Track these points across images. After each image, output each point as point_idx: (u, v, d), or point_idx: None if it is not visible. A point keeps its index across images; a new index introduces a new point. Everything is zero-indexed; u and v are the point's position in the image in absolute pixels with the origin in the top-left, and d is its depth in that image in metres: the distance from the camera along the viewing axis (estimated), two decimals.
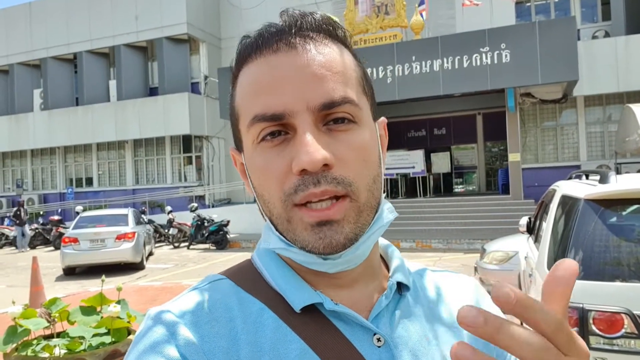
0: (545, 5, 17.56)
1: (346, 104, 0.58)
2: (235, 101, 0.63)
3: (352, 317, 0.60)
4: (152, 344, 0.55)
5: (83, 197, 22.54)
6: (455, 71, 13.59)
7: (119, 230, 11.51)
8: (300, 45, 0.59)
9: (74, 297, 7.69)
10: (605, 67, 14.64)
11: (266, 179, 0.58)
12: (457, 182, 20.85)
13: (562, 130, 16.58)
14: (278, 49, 0.58)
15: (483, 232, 12.49)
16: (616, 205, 2.82)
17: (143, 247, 11.95)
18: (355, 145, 0.58)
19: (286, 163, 0.56)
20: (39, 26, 23.48)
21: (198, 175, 21.39)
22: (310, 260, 0.59)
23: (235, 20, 21.97)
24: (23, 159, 24.74)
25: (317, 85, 0.57)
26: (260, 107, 0.57)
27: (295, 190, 0.56)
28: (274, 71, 0.58)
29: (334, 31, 0.62)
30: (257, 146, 0.59)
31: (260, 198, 0.61)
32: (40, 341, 3.19)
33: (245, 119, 0.60)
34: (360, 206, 0.58)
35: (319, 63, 0.58)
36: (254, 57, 0.60)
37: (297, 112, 0.56)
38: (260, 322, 0.59)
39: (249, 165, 0.62)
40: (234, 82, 0.64)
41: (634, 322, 2.43)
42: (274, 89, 0.57)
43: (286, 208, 0.57)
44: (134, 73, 22.20)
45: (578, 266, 0.39)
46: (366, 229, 0.59)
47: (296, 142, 0.56)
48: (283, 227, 0.59)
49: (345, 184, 0.56)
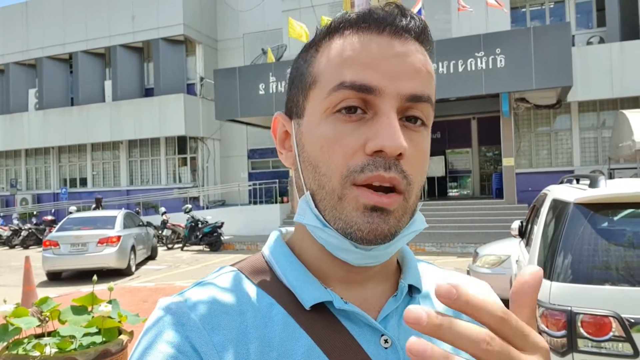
0: (540, 11, 17.67)
1: (428, 104, 0.59)
2: (315, 66, 0.61)
3: (360, 317, 0.60)
4: (161, 333, 0.55)
5: (77, 197, 22.47)
6: (450, 75, 13.64)
7: (103, 233, 10.68)
8: (405, 36, 0.59)
9: (65, 296, 7.66)
10: (600, 73, 14.73)
11: (331, 151, 0.57)
12: (451, 186, 20.91)
13: (556, 136, 16.66)
14: (384, 30, 0.58)
15: (476, 236, 12.52)
16: (606, 210, 2.84)
17: (131, 252, 11.13)
18: (421, 149, 0.59)
19: (359, 141, 0.56)
20: (35, 26, 23.43)
21: (193, 177, 21.36)
22: (342, 246, 0.58)
23: (232, 22, 21.99)
24: (17, 158, 24.64)
25: (413, 76, 0.57)
26: (351, 75, 0.56)
27: (362, 169, 0.55)
28: (374, 48, 0.57)
29: (429, 43, 0.62)
30: (330, 116, 0.58)
31: (312, 169, 0.60)
32: (31, 340, 3.18)
33: (327, 85, 0.58)
34: (408, 207, 0.58)
35: (418, 58, 0.59)
36: (356, 30, 0.59)
37: (386, 93, 0.56)
38: (269, 317, 0.59)
39: (310, 133, 0.60)
40: (317, 48, 0.62)
41: (622, 325, 2.45)
42: (370, 64, 0.57)
43: (344, 184, 0.56)
44: (129, 73, 22.17)
45: (543, 272, 0.40)
46: (403, 230, 0.59)
47: (376, 123, 0.56)
48: (330, 204, 0.58)
49: (408, 180, 0.56)
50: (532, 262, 3.20)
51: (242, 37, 21.94)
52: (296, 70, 0.65)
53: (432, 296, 0.68)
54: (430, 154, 0.64)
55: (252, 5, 21.10)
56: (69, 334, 3.12)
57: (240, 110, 15.73)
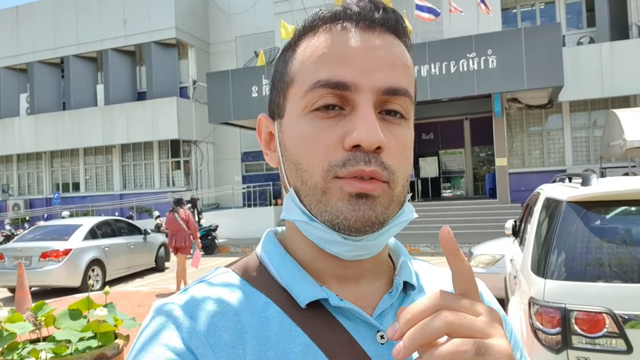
0: (531, 12, 17.78)
1: (406, 97, 0.59)
2: (292, 65, 0.62)
3: (356, 313, 0.60)
4: (157, 335, 0.55)
5: (70, 202, 22.34)
6: (442, 76, 13.69)
7: (47, 246, 9.28)
8: (379, 29, 0.59)
9: (60, 302, 7.62)
10: (590, 73, 14.84)
11: (311, 148, 0.58)
12: (445, 186, 20.96)
13: (548, 135, 16.76)
14: (357, 25, 0.58)
15: (471, 236, 12.56)
16: (598, 207, 2.87)
17: (89, 268, 9.57)
18: (402, 141, 0.59)
19: (337, 136, 0.56)
20: (26, 30, 23.30)
21: (186, 180, 21.29)
22: (330, 238, 0.58)
23: (224, 25, 21.97)
24: (9, 163, 24.47)
25: (388, 69, 0.57)
26: (326, 73, 0.57)
27: (343, 163, 0.55)
28: (348, 43, 0.57)
29: (405, 35, 0.62)
30: (308, 114, 0.58)
31: (294, 167, 0.60)
32: (26, 345, 3.17)
33: (304, 84, 0.59)
34: (394, 196, 0.58)
35: (392, 51, 0.59)
36: (328, 27, 0.60)
37: (362, 88, 0.56)
38: (265, 317, 0.59)
39: (291, 131, 0.60)
40: (294, 48, 0.63)
41: (615, 321, 2.47)
42: (345, 59, 0.57)
43: (326, 178, 0.56)
44: (121, 77, 22.08)
45: (450, 230, 0.49)
46: (391, 220, 0.59)
47: (354, 117, 0.56)
48: (314, 198, 0.58)
49: (390, 171, 0.57)
50: (527, 260, 3.22)
51: (234, 40, 21.92)
52: (276, 72, 0.66)
53: (427, 293, 0.68)
54: (424, 155, 0.65)
55: (244, 8, 21.10)
56: (64, 338, 3.10)
57: (233, 113, 15.71)
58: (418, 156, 19.48)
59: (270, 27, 19.93)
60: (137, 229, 11.73)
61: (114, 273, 10.40)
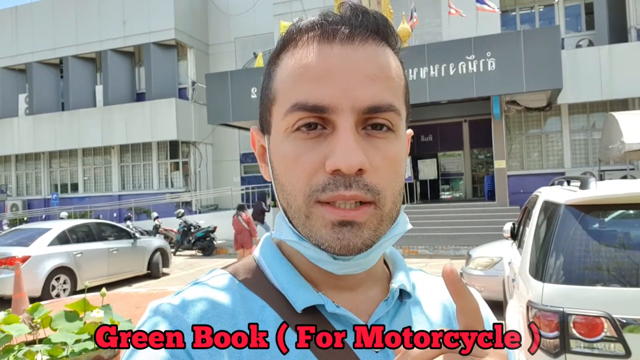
0: (530, 15, 17.80)
1: (390, 112, 0.56)
2: (274, 82, 0.60)
3: (352, 321, 0.60)
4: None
5: (68, 203, 22.30)
6: (441, 79, 13.70)
7: (4, 252, 8.59)
8: (358, 40, 0.56)
9: (57, 303, 7.59)
10: (589, 76, 14.85)
11: (293, 171, 0.56)
12: (443, 188, 20.96)
13: (547, 138, 16.77)
14: (334, 38, 0.56)
15: (469, 239, 12.56)
16: (596, 211, 2.86)
17: (52, 277, 8.83)
18: (389, 155, 0.57)
19: (318, 158, 0.55)
20: (25, 30, 23.27)
21: (185, 181, 21.27)
22: (320, 258, 0.58)
23: (223, 26, 21.97)
24: (7, 164, 24.43)
25: (367, 86, 0.55)
26: (303, 95, 0.55)
27: (323, 188, 0.54)
28: (326, 60, 0.55)
29: (391, 36, 0.60)
30: (290, 135, 0.57)
31: (280, 187, 0.59)
32: (22, 347, 3.15)
33: (283, 105, 0.57)
34: (383, 215, 0.57)
35: (373, 64, 0.56)
36: (306, 40, 0.57)
37: (341, 109, 0.54)
38: (262, 320, 0.58)
39: (275, 151, 0.60)
40: (276, 62, 0.61)
41: (614, 325, 2.47)
42: (322, 79, 0.55)
43: (308, 203, 0.55)
44: (120, 78, 22.06)
45: (455, 269, 0.46)
46: (383, 236, 0.58)
47: (334, 139, 0.54)
48: (299, 222, 0.57)
49: (374, 192, 0.55)
50: (525, 263, 3.21)
51: (233, 41, 21.92)
52: (262, 86, 0.64)
53: (423, 302, 0.68)
54: (423, 157, 0.64)
55: (243, 10, 21.10)
56: (60, 340, 3.09)
57: (232, 114, 15.70)
58: (417, 158, 19.48)
59: (270, 28, 19.93)
60: (126, 233, 10.99)
61: (88, 281, 9.51)
